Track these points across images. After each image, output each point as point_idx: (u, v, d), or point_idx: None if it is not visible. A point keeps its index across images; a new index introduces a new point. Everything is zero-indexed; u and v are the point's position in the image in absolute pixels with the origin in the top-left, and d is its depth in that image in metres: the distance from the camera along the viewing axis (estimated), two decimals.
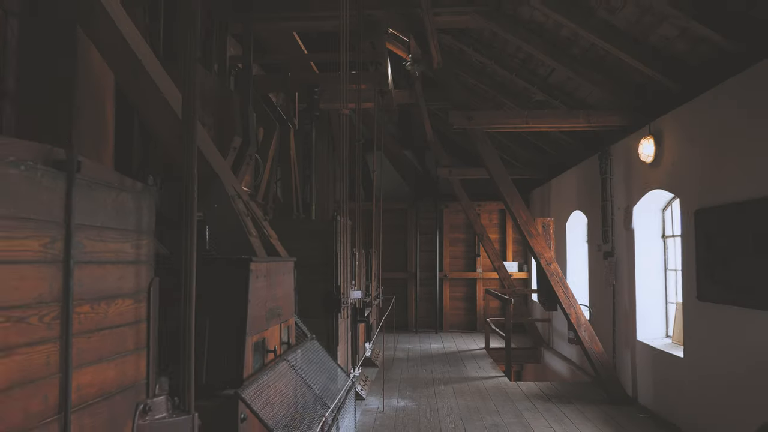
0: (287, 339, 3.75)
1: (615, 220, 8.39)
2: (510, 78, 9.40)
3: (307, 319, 6.16)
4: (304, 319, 6.22)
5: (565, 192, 11.15)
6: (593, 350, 7.63)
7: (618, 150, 8.32)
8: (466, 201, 12.94)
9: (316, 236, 6.18)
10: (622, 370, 8.07)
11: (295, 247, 6.27)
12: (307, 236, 6.19)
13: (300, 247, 6.19)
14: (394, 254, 14.97)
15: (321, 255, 6.15)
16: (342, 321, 6.35)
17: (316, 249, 6.15)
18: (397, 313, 14.57)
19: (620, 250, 8.20)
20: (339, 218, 6.21)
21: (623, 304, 8.09)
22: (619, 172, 8.27)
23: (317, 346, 4.39)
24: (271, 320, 3.44)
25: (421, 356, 11.54)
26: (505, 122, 7.87)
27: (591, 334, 7.67)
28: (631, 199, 7.80)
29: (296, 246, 6.24)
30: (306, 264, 6.16)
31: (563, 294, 7.64)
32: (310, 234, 6.19)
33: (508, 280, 13.05)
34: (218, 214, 3.33)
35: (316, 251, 6.15)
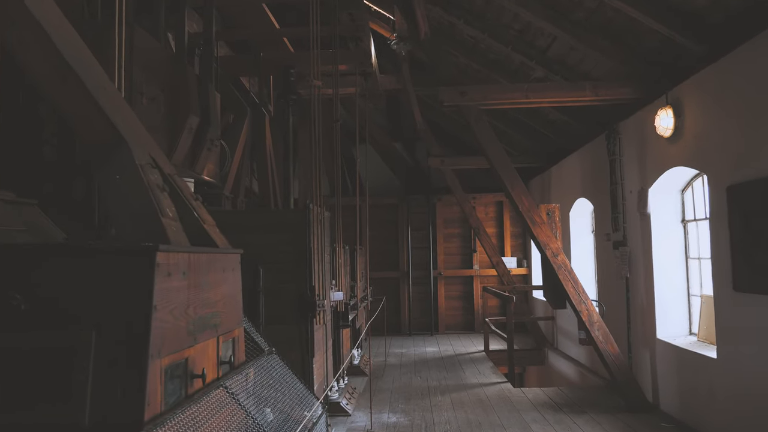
0: (230, 357, 2.84)
1: (627, 205, 7.51)
2: (506, 53, 8.51)
3: (276, 326, 5.27)
4: (273, 326, 5.32)
5: (568, 178, 10.27)
6: (608, 352, 6.75)
7: (628, 127, 7.44)
8: (460, 193, 12.05)
9: (285, 229, 5.27)
10: (640, 373, 7.18)
11: (259, 243, 5.37)
12: (275, 229, 5.28)
13: (266, 242, 5.30)
14: (385, 252, 14.06)
15: (292, 251, 5.25)
16: (319, 327, 5.44)
17: (286, 244, 5.25)
18: (390, 314, 13.66)
19: (634, 239, 7.32)
20: (312, 208, 5.31)
21: (639, 299, 7.21)
22: (630, 152, 7.39)
23: (277, 362, 3.47)
24: (199, 333, 2.52)
25: (415, 361, 10.63)
26: (503, 97, 6.97)
27: (605, 333, 6.78)
28: (645, 181, 6.93)
29: (261, 241, 5.34)
30: (274, 261, 5.28)
31: (573, 289, 6.76)
32: (278, 226, 5.29)
33: (507, 277, 12.15)
34: (121, 190, 2.42)
35: (285, 247, 5.25)
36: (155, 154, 2.81)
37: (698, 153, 5.77)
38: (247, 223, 5.34)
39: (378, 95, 11.32)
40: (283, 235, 5.27)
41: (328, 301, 6.04)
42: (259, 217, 5.49)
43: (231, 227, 5.56)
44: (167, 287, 2.24)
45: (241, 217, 5.53)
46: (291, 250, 5.25)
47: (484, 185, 14.17)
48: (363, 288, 9.53)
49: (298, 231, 5.26)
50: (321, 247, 5.50)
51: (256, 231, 5.30)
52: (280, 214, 5.49)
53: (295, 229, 5.26)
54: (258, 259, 5.28)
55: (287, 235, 5.27)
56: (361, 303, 8.84)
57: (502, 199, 14.03)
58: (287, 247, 5.25)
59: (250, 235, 5.36)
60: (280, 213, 5.82)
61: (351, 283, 8.38)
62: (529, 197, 6.91)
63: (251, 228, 5.31)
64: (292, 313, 5.24)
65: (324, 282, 5.52)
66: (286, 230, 5.28)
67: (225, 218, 5.48)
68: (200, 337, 2.56)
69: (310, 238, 5.26)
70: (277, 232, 5.28)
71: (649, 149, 6.82)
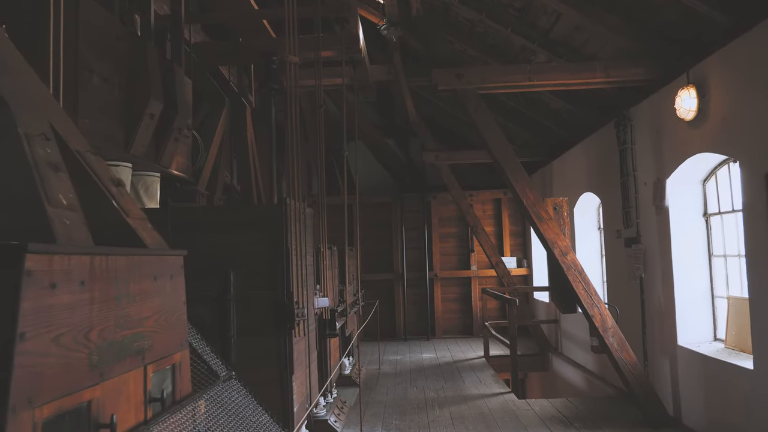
0: (164, 393, 2.15)
1: (640, 198, 6.86)
2: (505, 36, 7.85)
3: (249, 339, 4.58)
4: (246, 339, 4.63)
5: (572, 172, 9.62)
6: (624, 360, 6.09)
7: (642, 112, 6.79)
8: (457, 189, 11.37)
9: (258, 227, 4.58)
10: (657, 382, 6.52)
11: (230, 243, 4.68)
12: (246, 228, 4.59)
13: (237, 242, 4.61)
14: (378, 253, 13.37)
15: (267, 253, 4.55)
16: (299, 339, 4.75)
17: (260, 245, 4.55)
18: (384, 318, 12.97)
19: (649, 235, 6.67)
20: (290, 203, 4.62)
21: (656, 301, 6.55)
22: (643, 140, 6.74)
23: (236, 389, 2.79)
24: (110, 365, 1.84)
25: (411, 369, 9.95)
26: (504, 80, 6.30)
27: (620, 340, 6.12)
28: (662, 171, 6.27)
29: (231, 241, 4.65)
30: (246, 265, 4.59)
31: (584, 292, 6.09)
32: (250, 225, 4.59)
33: (507, 277, 11.48)
34: None
35: (259, 248, 4.55)
36: (61, 126, 2.12)
37: (727, 137, 5.12)
38: (214, 221, 4.65)
39: (368, 87, 10.61)
40: (256, 234, 4.58)
41: (311, 309, 5.35)
42: (227, 214, 4.78)
43: (195, 226, 4.89)
44: (48, 304, 1.55)
45: (207, 214, 4.84)
46: (265, 251, 4.55)
47: (481, 182, 13.52)
48: (354, 292, 8.84)
49: (274, 229, 4.56)
50: (301, 247, 4.81)
51: (225, 230, 4.62)
52: (251, 211, 4.80)
53: (269, 228, 4.57)
54: (228, 262, 4.61)
55: (261, 234, 4.57)
56: (352, 308, 8.15)
57: (500, 197, 13.38)
58: (261, 248, 4.56)
59: (219, 234, 4.70)
60: (251, 209, 5.12)
61: (340, 286, 7.70)
62: (535, 190, 6.24)
63: (219, 227, 4.64)
64: (267, 324, 4.55)
65: (305, 287, 4.83)
66: (260, 229, 4.58)
67: (187, 216, 4.81)
68: (112, 371, 1.87)
69: (287, 238, 4.57)
70: (249, 231, 4.59)
71: (666, 136, 6.17)
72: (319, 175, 6.35)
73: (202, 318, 4.56)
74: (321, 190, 6.25)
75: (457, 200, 11.40)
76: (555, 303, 6.52)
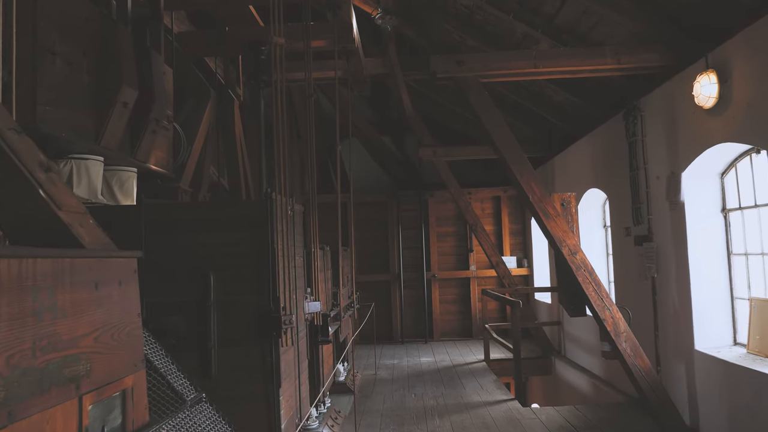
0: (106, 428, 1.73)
1: (652, 193, 6.46)
2: (507, 23, 7.43)
3: (231, 349, 4.15)
4: (228, 349, 4.20)
5: (575, 167, 9.21)
6: (638, 367, 5.68)
7: (653, 101, 6.39)
8: (455, 186, 10.95)
9: (240, 226, 4.15)
10: (671, 389, 6.11)
11: (210, 243, 4.25)
12: (228, 226, 4.16)
13: (218, 242, 4.18)
14: (374, 253, 12.95)
15: (250, 254, 4.12)
16: (287, 349, 4.32)
17: (243, 245, 4.13)
18: (380, 321, 12.54)
19: (662, 232, 6.27)
20: (276, 198, 4.19)
21: (670, 303, 6.15)
22: (655, 131, 6.34)
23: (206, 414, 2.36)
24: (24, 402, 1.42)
25: (408, 374, 9.53)
26: (507, 67, 5.88)
27: (634, 345, 5.71)
28: (677, 163, 5.87)
29: (212, 241, 4.22)
30: (228, 267, 4.17)
31: (595, 294, 5.68)
32: (232, 223, 4.16)
33: (508, 278, 11.07)
34: None
35: (242, 248, 4.13)
36: None
37: (751, 124, 4.71)
38: (192, 219, 4.22)
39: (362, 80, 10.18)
40: (238, 233, 4.15)
41: (301, 315, 4.93)
42: (207, 212, 4.34)
43: (171, 225, 4.45)
44: None
45: (185, 211, 4.39)
46: (249, 252, 4.13)
47: (480, 180, 13.12)
48: (348, 294, 8.42)
49: (258, 228, 4.14)
50: (289, 248, 4.39)
51: (204, 229, 4.19)
52: (234, 208, 4.36)
53: (253, 226, 4.14)
54: (208, 264, 4.19)
55: (244, 233, 4.14)
56: (346, 312, 7.73)
57: (499, 194, 12.98)
58: (244, 249, 4.13)
59: (198, 234, 4.27)
60: (233, 206, 4.67)
61: (333, 289, 7.27)
62: (541, 185, 5.83)
63: (198, 225, 4.21)
64: (251, 333, 4.12)
65: (293, 291, 4.41)
66: (243, 227, 4.15)
67: (163, 214, 4.38)
68: (29, 407, 1.44)
69: (273, 237, 4.14)
70: (231, 230, 4.16)
71: (681, 126, 5.76)
72: (309, 169, 5.92)
73: (177, 326, 4.14)
74: (312, 185, 5.82)
75: (455, 198, 10.98)
76: (563, 306, 6.12)
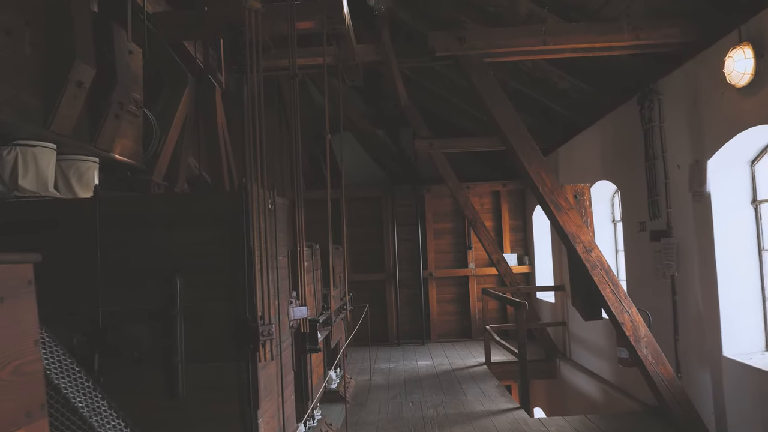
0: None
1: (671, 184, 5.91)
2: (509, 2, 6.85)
3: (201, 365, 3.57)
4: (198, 366, 3.63)
5: (582, 159, 8.65)
6: (660, 375, 5.13)
7: (673, 83, 5.83)
8: (453, 180, 10.37)
9: (211, 222, 3.56)
10: (694, 399, 5.56)
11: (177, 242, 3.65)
12: (197, 222, 3.58)
13: (184, 240, 3.59)
14: (368, 251, 12.37)
15: (223, 254, 3.54)
16: (267, 364, 3.74)
17: (214, 244, 3.54)
18: (375, 322, 11.96)
19: (683, 227, 5.72)
20: (253, 189, 3.61)
21: (692, 304, 5.60)
22: (676, 115, 5.78)
23: None
24: None
25: (405, 379, 8.96)
26: (513, 44, 5.31)
27: (655, 351, 5.16)
28: (702, 151, 5.32)
29: (179, 239, 3.63)
30: (198, 270, 3.59)
31: (612, 295, 5.13)
32: (201, 218, 3.57)
33: (510, 276, 10.51)
34: None
35: (213, 248, 3.54)
36: None
37: None
38: (156, 214, 3.63)
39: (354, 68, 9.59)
40: (208, 230, 3.56)
41: (285, 322, 4.34)
42: (173, 205, 3.73)
43: (132, 221, 3.87)
44: None
45: (147, 205, 3.78)
46: (221, 252, 3.54)
47: (478, 174, 12.56)
48: (341, 296, 7.84)
49: (231, 224, 3.56)
50: (269, 246, 3.81)
51: (171, 225, 3.60)
52: (202, 200, 3.77)
53: (226, 222, 3.56)
54: (175, 267, 3.60)
55: (215, 230, 3.56)
56: (338, 315, 7.16)
57: (498, 189, 12.42)
58: (216, 248, 3.54)
59: (163, 231, 3.68)
60: (202, 198, 4.07)
61: (323, 290, 6.69)
62: (551, 175, 5.27)
63: (163, 221, 3.62)
64: (224, 346, 3.54)
65: (274, 297, 3.83)
66: (214, 223, 3.57)
67: (122, 208, 3.78)
68: None
69: (249, 234, 3.56)
70: (201, 227, 3.57)
71: (707, 109, 5.21)
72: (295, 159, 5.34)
73: (139, 339, 3.56)
74: (297, 176, 5.24)
75: (453, 192, 10.41)
76: (576, 308, 5.56)
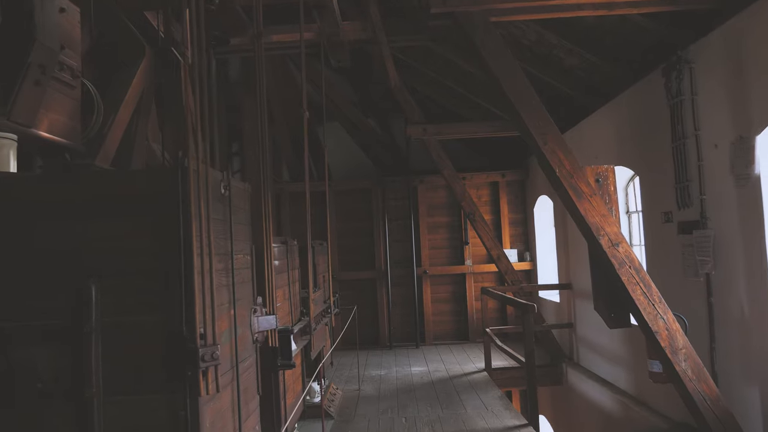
0: None
1: (706, 166, 5.06)
2: None
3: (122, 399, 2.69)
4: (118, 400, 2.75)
5: (592, 144, 7.80)
6: (702, 393, 4.29)
7: (709, 47, 4.98)
8: (449, 169, 9.51)
9: (134, 210, 2.68)
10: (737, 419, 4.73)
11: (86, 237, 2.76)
12: (113, 211, 2.69)
13: (100, 234, 2.70)
14: (357, 248, 11.52)
15: (151, 251, 2.66)
16: (214, 397, 2.86)
17: (139, 239, 2.67)
18: (366, 324, 11.11)
19: (723, 217, 4.88)
20: (193, 167, 2.72)
21: (735, 307, 4.77)
22: (713, 86, 4.93)
23: None
24: None
25: (398, 388, 8.11)
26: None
27: (696, 365, 4.33)
28: (748, 125, 4.47)
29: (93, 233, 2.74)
30: (115, 273, 2.72)
31: (644, 297, 4.28)
32: (121, 205, 2.69)
33: (511, 274, 9.66)
34: None
35: (137, 243, 2.66)
36: None
37: None
38: (58, 200, 2.74)
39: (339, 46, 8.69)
40: (132, 220, 2.68)
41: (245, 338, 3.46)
42: (83, 189, 2.82)
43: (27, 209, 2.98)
44: None
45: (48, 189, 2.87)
46: (150, 249, 2.67)
47: (475, 165, 11.71)
48: (324, 298, 6.97)
49: (163, 212, 2.67)
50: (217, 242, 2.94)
51: (81, 215, 2.72)
52: (122, 181, 2.87)
53: (154, 210, 2.68)
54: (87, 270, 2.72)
55: (141, 220, 2.68)
56: (320, 321, 6.28)
57: (497, 180, 11.57)
58: (142, 245, 2.66)
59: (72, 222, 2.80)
60: (122, 178, 3.14)
61: (302, 293, 5.81)
62: (571, 155, 4.41)
63: (72, 210, 2.74)
64: (155, 374, 2.67)
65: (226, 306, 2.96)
66: (139, 211, 2.69)
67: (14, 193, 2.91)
68: None
69: (188, 226, 2.68)
70: (121, 216, 2.69)
71: (756, 74, 4.36)
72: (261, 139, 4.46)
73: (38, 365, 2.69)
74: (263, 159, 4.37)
75: (450, 182, 9.54)
76: (600, 313, 4.72)
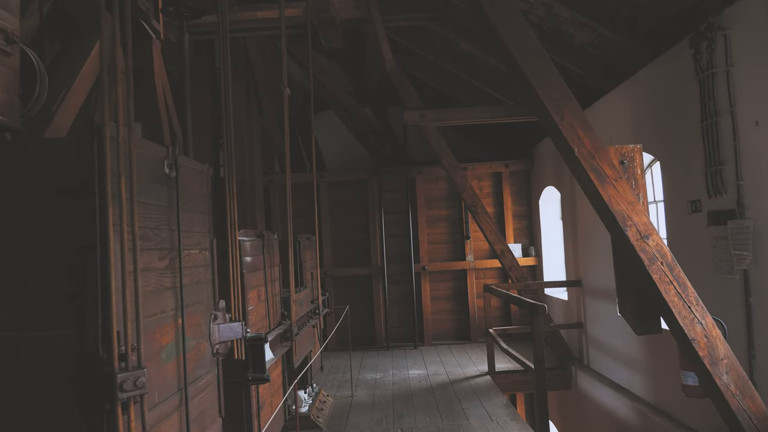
0: None
1: (743, 148, 4.42)
2: None
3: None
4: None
5: (606, 128, 7.12)
6: (747, 411, 3.66)
7: (748, 10, 4.32)
8: (449, 158, 8.85)
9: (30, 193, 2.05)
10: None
11: None
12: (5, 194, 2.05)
13: None
14: (352, 242, 10.88)
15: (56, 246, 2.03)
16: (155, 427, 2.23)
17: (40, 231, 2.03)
18: (361, 323, 10.51)
19: (765, 205, 4.24)
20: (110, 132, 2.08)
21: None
22: (753, 55, 4.27)
23: None
24: None
25: (394, 395, 7.48)
26: None
27: (740, 378, 3.69)
28: None
29: None
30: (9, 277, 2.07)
31: (678, 299, 3.65)
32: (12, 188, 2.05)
33: (516, 270, 9.01)
34: None
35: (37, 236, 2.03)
36: None
37: None
38: None
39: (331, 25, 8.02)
40: (29, 207, 2.05)
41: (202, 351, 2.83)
42: None
43: None
44: None
45: None
46: (54, 242, 2.04)
47: (476, 156, 11.06)
48: (311, 298, 6.33)
49: (72, 194, 2.04)
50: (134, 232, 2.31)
51: None
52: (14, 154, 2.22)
53: (61, 191, 2.05)
54: None
55: (43, 206, 2.05)
56: (304, 325, 5.65)
57: (500, 170, 10.92)
58: (45, 237, 2.04)
59: None
60: (16, 152, 2.45)
61: (284, 293, 5.17)
62: (593, 133, 3.77)
63: None
64: (61, 405, 2.04)
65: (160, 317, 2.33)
66: (38, 195, 2.06)
67: None
68: None
69: (104, 213, 2.05)
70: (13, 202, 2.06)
71: None
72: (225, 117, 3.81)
73: None
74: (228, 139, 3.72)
75: (450, 172, 8.88)
76: (625, 317, 4.08)
